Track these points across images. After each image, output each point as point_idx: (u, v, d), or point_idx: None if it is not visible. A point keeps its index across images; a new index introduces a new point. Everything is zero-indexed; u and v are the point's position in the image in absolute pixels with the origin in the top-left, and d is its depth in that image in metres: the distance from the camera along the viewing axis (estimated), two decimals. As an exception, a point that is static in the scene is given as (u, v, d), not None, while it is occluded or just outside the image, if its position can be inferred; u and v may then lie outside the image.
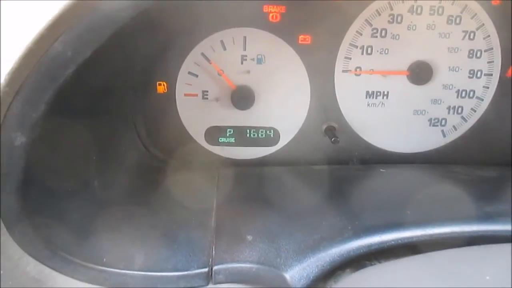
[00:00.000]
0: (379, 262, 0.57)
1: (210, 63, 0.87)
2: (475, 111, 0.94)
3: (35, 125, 0.45)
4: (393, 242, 0.57)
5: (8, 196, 0.48)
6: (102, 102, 0.72)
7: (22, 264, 0.53)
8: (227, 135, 0.93)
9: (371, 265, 0.57)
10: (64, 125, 0.58)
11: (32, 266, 0.54)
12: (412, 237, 0.58)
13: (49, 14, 0.39)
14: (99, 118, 0.72)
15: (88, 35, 0.42)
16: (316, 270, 0.56)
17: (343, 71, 0.89)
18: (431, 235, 0.58)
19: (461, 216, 0.63)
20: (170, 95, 0.89)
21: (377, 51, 0.88)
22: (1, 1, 0.46)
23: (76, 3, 0.40)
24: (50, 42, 0.40)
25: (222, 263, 0.58)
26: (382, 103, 0.92)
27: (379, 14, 0.86)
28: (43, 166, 0.54)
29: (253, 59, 0.88)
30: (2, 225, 0.50)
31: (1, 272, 0.51)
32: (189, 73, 0.88)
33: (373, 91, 0.91)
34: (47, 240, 0.55)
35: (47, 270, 0.55)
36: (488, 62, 0.90)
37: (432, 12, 0.86)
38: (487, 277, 0.45)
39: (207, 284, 0.57)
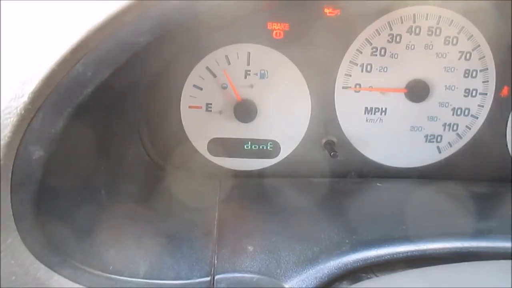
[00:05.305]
0: (376, 276, 0.59)
1: (215, 77, 0.90)
2: (470, 128, 0.96)
3: (54, 140, 0.47)
4: (389, 257, 0.60)
5: (24, 206, 0.51)
6: (110, 114, 0.74)
7: (33, 270, 0.55)
8: (229, 146, 0.96)
9: (368, 278, 0.59)
10: (76, 137, 0.60)
11: (43, 273, 0.56)
12: (407, 252, 0.61)
13: (72, 38, 0.42)
14: (106, 129, 0.74)
15: (108, 58, 0.45)
16: (315, 281, 0.58)
17: (343, 87, 0.92)
18: (425, 251, 0.61)
19: (455, 232, 0.66)
20: (175, 107, 0.92)
21: (376, 69, 0.91)
22: (1, 1, 0.48)
23: (98, 29, 0.42)
24: (72, 64, 0.43)
25: (224, 273, 0.60)
26: (380, 119, 0.95)
27: (379, 34, 0.89)
28: (56, 176, 0.56)
29: (256, 74, 0.90)
30: (16, 232, 0.52)
31: (14, 277, 0.53)
32: (194, 86, 0.91)
33: (372, 107, 0.94)
34: (57, 247, 0.57)
35: (56, 276, 0.57)
36: (483, 82, 0.93)
37: (430, 32, 0.89)
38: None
39: (209, 293, 0.59)
